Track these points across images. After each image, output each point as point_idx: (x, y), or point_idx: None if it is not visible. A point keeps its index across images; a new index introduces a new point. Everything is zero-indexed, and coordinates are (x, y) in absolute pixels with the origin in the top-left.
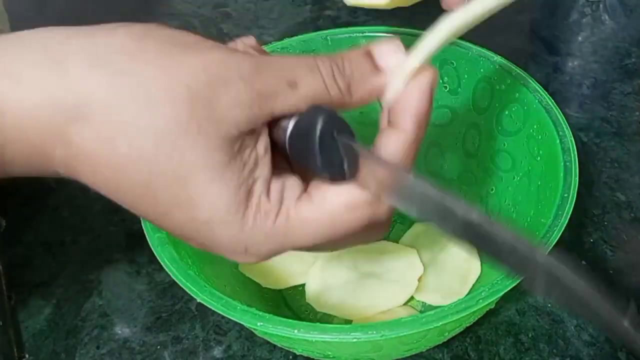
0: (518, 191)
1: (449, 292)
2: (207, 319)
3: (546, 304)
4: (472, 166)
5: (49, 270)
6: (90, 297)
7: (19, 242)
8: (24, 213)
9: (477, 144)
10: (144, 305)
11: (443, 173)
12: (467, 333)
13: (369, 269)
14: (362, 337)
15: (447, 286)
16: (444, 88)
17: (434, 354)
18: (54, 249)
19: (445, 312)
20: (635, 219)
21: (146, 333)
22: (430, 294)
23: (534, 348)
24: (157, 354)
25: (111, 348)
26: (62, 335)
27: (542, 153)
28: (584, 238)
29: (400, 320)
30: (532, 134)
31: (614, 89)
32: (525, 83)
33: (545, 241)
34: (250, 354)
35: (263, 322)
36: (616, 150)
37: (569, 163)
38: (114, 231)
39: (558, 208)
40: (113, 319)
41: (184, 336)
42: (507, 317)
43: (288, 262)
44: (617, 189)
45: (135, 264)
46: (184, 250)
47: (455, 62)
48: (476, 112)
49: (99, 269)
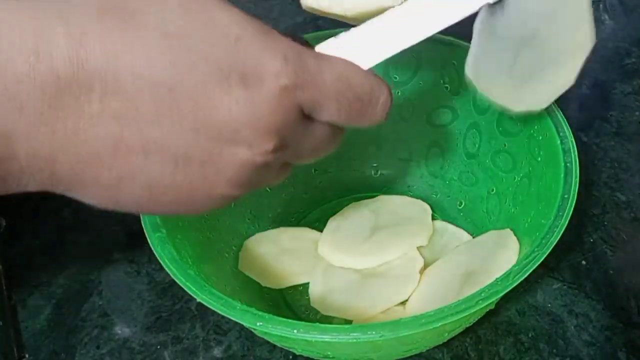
0: (518, 192)
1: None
2: (207, 318)
3: (546, 304)
4: (473, 166)
5: (49, 270)
6: (90, 297)
7: (19, 242)
8: (24, 213)
9: (477, 144)
10: (144, 305)
11: (443, 173)
12: (467, 333)
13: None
14: (362, 338)
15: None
16: (445, 88)
17: (434, 354)
18: (54, 249)
19: (445, 312)
20: (635, 219)
21: (146, 333)
22: None
23: (534, 348)
24: (157, 354)
25: (111, 348)
26: (62, 335)
27: (543, 154)
28: (584, 238)
29: (399, 321)
30: (532, 134)
31: (614, 89)
32: None
33: (546, 242)
34: (250, 354)
35: (263, 322)
36: (616, 150)
37: (570, 164)
38: (114, 231)
39: (558, 209)
40: (113, 319)
41: (184, 336)
42: (507, 317)
43: (288, 261)
44: (617, 189)
45: (135, 263)
46: (184, 250)
47: (456, 62)
48: (477, 113)
49: (99, 269)
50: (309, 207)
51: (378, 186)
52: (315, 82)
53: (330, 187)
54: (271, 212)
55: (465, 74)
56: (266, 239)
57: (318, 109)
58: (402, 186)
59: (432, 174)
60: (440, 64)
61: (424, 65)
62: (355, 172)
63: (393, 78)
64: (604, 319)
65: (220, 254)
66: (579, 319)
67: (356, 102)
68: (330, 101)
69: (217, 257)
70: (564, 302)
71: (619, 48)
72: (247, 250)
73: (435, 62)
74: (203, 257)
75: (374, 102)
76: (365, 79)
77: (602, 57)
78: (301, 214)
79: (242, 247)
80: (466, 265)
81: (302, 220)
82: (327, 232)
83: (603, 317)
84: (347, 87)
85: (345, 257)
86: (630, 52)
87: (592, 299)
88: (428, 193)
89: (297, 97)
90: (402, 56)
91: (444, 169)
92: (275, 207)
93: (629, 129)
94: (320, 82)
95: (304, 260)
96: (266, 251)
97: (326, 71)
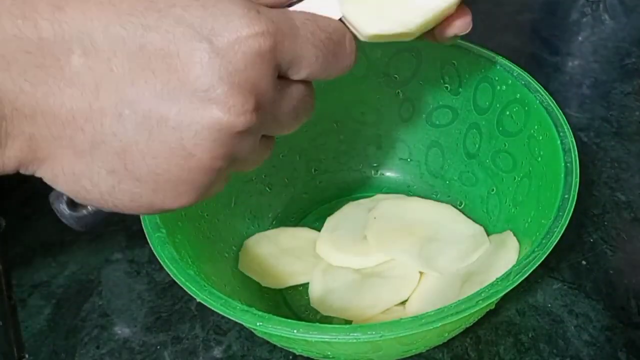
0: (519, 192)
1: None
2: (207, 319)
3: (546, 304)
4: (473, 166)
5: (49, 270)
6: (90, 297)
7: (19, 242)
8: (24, 213)
9: (478, 144)
10: (143, 305)
11: (444, 173)
12: (467, 333)
13: (370, 269)
14: (362, 338)
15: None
16: (445, 88)
17: (434, 354)
18: (54, 249)
19: (445, 312)
20: (635, 219)
21: (146, 333)
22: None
23: (534, 348)
24: (157, 354)
25: (111, 348)
26: (62, 335)
27: (543, 154)
28: (584, 238)
29: (399, 321)
30: (533, 134)
31: (614, 89)
32: (526, 83)
33: (546, 242)
34: (250, 354)
35: (263, 322)
36: (616, 150)
37: (570, 164)
38: (114, 231)
39: (558, 209)
40: (113, 319)
41: (184, 336)
42: (507, 317)
43: (288, 262)
44: (617, 189)
45: (135, 263)
46: (184, 250)
47: (456, 62)
48: (477, 113)
49: (99, 269)
50: (309, 207)
51: (378, 186)
52: (289, 31)
53: (330, 187)
54: (271, 212)
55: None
56: (266, 238)
57: (297, 61)
58: (402, 186)
59: (432, 174)
60: (440, 64)
61: (424, 65)
62: (355, 172)
63: (393, 78)
64: (604, 319)
65: (220, 253)
66: (579, 319)
67: (329, 42)
68: (307, 47)
69: (217, 257)
70: (564, 302)
71: (619, 48)
72: (246, 250)
73: (435, 62)
74: (203, 257)
75: (342, 41)
76: (328, 19)
77: (602, 57)
78: (301, 214)
79: (242, 247)
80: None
81: (302, 220)
82: (325, 230)
83: (603, 317)
84: (317, 27)
85: (343, 256)
86: (630, 52)
87: (592, 299)
88: (428, 193)
89: (274, 52)
90: (402, 55)
91: (444, 169)
92: (275, 207)
93: (629, 129)
94: (293, 28)
95: (304, 260)
96: (266, 251)
97: (296, 18)
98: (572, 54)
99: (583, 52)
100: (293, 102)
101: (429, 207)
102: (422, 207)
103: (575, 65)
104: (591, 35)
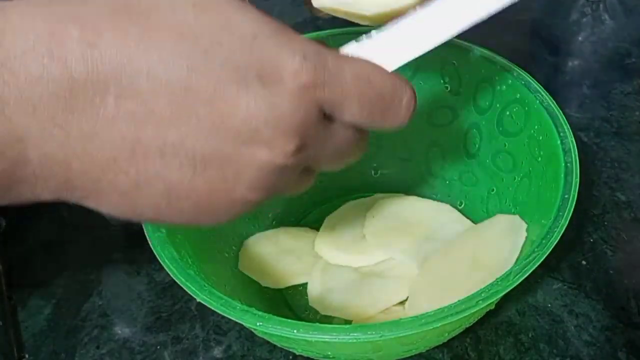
0: (519, 192)
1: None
2: (207, 319)
3: (546, 304)
4: (473, 166)
5: (49, 270)
6: (90, 297)
7: (19, 242)
8: (24, 213)
9: (478, 144)
10: (143, 305)
11: (444, 173)
12: (467, 333)
13: (369, 268)
14: (362, 338)
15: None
16: (445, 88)
17: (434, 354)
18: (54, 249)
19: (445, 312)
20: (635, 219)
21: (146, 333)
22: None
23: (534, 348)
24: (157, 354)
25: (111, 348)
26: (62, 335)
27: (543, 154)
28: (584, 238)
29: (399, 321)
30: (533, 134)
31: (614, 89)
32: (527, 83)
33: (546, 242)
34: (250, 354)
35: (263, 322)
36: (616, 150)
37: (570, 164)
38: (114, 231)
39: (558, 209)
40: (113, 319)
41: (184, 336)
42: (507, 317)
43: (288, 261)
44: (617, 189)
45: (135, 263)
46: (184, 250)
47: (456, 62)
48: (477, 113)
49: (99, 269)
50: (309, 207)
51: (378, 186)
52: (335, 80)
53: (330, 187)
54: (271, 212)
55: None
56: (266, 238)
57: (339, 108)
58: (402, 186)
59: (432, 174)
60: (440, 64)
61: (424, 65)
62: (355, 172)
63: None
64: (604, 319)
65: (220, 253)
66: (579, 319)
67: (378, 100)
68: (351, 99)
69: (217, 256)
70: (564, 302)
71: (619, 48)
72: (246, 250)
73: (435, 62)
74: (203, 257)
75: (397, 102)
76: (387, 77)
77: (602, 57)
78: (301, 214)
79: (242, 247)
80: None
81: (302, 220)
82: (324, 229)
83: (603, 317)
84: (369, 85)
85: (342, 255)
86: (630, 52)
87: (592, 299)
88: (428, 193)
89: (317, 95)
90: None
91: (444, 169)
92: (275, 207)
93: (629, 129)
94: (341, 79)
95: (304, 260)
96: (266, 251)
97: (346, 69)
98: (572, 54)
99: (583, 52)
100: (338, 142)
101: (428, 206)
102: (421, 207)
103: (575, 65)
104: (591, 35)
